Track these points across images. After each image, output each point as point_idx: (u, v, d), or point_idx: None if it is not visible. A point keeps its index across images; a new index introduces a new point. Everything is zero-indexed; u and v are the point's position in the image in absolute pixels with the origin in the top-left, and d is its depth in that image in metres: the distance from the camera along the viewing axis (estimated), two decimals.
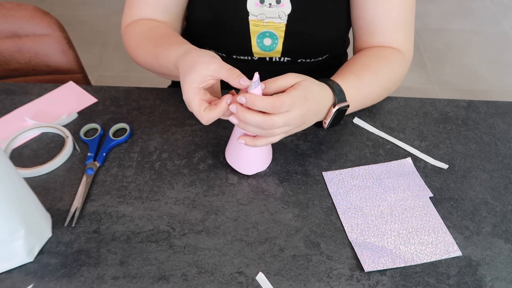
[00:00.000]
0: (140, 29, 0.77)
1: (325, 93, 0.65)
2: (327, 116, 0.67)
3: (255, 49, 0.82)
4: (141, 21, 0.78)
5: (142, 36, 0.75)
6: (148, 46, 0.73)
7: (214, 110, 0.58)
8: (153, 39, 0.73)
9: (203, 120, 0.58)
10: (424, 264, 0.59)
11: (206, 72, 0.58)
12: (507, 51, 2.32)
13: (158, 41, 0.72)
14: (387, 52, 0.75)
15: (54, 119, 0.75)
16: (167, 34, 0.73)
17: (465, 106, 0.81)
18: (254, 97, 0.57)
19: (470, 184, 0.69)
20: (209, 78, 0.58)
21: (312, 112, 0.62)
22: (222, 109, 0.58)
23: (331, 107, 0.66)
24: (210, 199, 0.65)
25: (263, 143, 0.62)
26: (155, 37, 0.73)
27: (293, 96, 0.58)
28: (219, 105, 0.58)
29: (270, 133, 0.59)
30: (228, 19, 0.79)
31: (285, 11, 0.78)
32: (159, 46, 0.70)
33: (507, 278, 0.58)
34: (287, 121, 0.59)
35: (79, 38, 2.13)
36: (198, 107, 0.58)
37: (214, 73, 0.58)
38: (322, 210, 0.64)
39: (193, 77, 0.58)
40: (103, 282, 0.56)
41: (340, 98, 0.65)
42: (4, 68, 0.99)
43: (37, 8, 0.95)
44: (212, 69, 0.58)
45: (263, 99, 0.57)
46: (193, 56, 0.61)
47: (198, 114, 0.58)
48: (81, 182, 0.66)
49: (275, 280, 0.57)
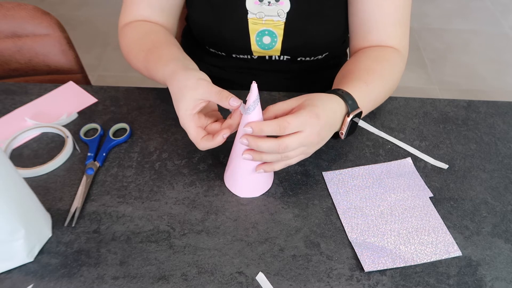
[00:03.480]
0: (133, 34, 0.77)
1: (337, 104, 0.63)
2: (342, 126, 0.65)
3: (254, 48, 0.82)
4: (136, 24, 0.78)
5: (134, 43, 0.75)
6: (139, 56, 0.73)
7: (211, 142, 0.59)
8: (144, 49, 0.73)
9: (200, 146, 0.61)
10: (424, 264, 0.59)
11: (195, 96, 0.59)
12: (507, 51, 2.32)
13: (147, 54, 0.71)
14: (386, 53, 0.75)
15: (54, 119, 0.75)
16: (157, 44, 0.72)
17: (465, 106, 0.81)
18: (261, 123, 0.56)
19: (470, 184, 0.69)
20: (199, 101, 0.59)
21: (327, 127, 0.61)
22: (218, 142, 0.59)
23: (345, 116, 0.64)
24: (210, 199, 0.65)
25: (281, 167, 0.61)
26: (146, 46, 0.73)
27: (301, 115, 0.57)
28: (215, 138, 0.59)
29: (285, 156, 0.58)
30: (227, 18, 0.79)
31: (284, 9, 0.78)
32: (148, 61, 0.70)
33: (507, 278, 0.58)
34: (301, 142, 0.57)
35: (79, 38, 2.13)
36: (195, 135, 0.60)
37: (203, 97, 0.59)
38: (322, 210, 0.64)
39: (185, 104, 0.59)
40: (103, 282, 0.56)
41: (352, 106, 0.64)
42: (4, 68, 0.99)
43: (37, 8, 0.95)
44: (201, 93, 0.59)
45: (269, 122, 0.56)
46: (180, 80, 0.61)
47: (196, 142, 0.60)
48: (81, 182, 0.66)
49: (275, 280, 0.57)
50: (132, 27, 0.78)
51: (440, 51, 2.30)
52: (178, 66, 0.64)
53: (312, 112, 0.58)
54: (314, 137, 0.59)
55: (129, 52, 0.76)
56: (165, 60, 0.67)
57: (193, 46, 0.93)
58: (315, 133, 0.58)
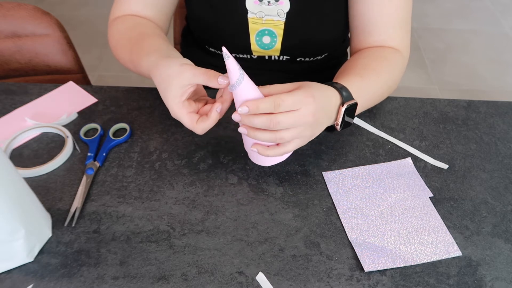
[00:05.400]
0: (121, 26, 0.76)
1: (332, 92, 0.64)
2: (337, 116, 0.65)
3: (254, 47, 0.82)
4: (125, 17, 0.77)
5: (122, 36, 0.75)
6: (125, 49, 0.72)
7: (207, 121, 0.59)
8: (130, 42, 0.72)
9: (198, 131, 0.59)
10: (424, 264, 0.59)
11: (182, 82, 0.58)
12: (507, 51, 2.32)
13: (133, 46, 0.71)
14: (386, 52, 0.75)
15: (54, 119, 0.75)
16: (142, 37, 0.71)
17: (465, 106, 0.81)
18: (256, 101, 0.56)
19: (470, 184, 0.69)
20: (187, 87, 0.58)
21: (323, 111, 0.61)
22: (214, 119, 0.59)
23: (340, 106, 0.64)
24: (210, 199, 0.65)
25: (276, 153, 0.60)
26: (132, 39, 0.72)
27: (296, 94, 0.57)
28: (210, 116, 0.59)
29: (280, 137, 0.58)
30: (227, 17, 0.79)
31: (284, 9, 0.78)
32: (133, 53, 0.70)
33: (507, 278, 0.58)
34: (295, 120, 0.57)
35: (79, 38, 2.13)
36: (189, 121, 0.59)
37: (190, 81, 0.58)
38: (322, 210, 0.64)
39: (172, 92, 0.58)
40: (103, 282, 0.56)
41: (347, 96, 0.64)
42: (4, 68, 0.99)
43: (37, 8, 0.95)
44: (187, 77, 0.57)
45: (264, 99, 0.56)
46: (163, 69, 0.60)
47: (192, 127, 0.59)
48: (81, 182, 0.66)
49: (275, 280, 0.57)
50: (120, 21, 0.77)
51: (440, 51, 2.30)
52: (161, 55, 0.63)
53: (308, 93, 0.58)
54: (309, 117, 0.58)
55: (116, 45, 0.76)
56: (147, 51, 0.66)
57: (193, 46, 0.93)
58: (310, 113, 0.58)
